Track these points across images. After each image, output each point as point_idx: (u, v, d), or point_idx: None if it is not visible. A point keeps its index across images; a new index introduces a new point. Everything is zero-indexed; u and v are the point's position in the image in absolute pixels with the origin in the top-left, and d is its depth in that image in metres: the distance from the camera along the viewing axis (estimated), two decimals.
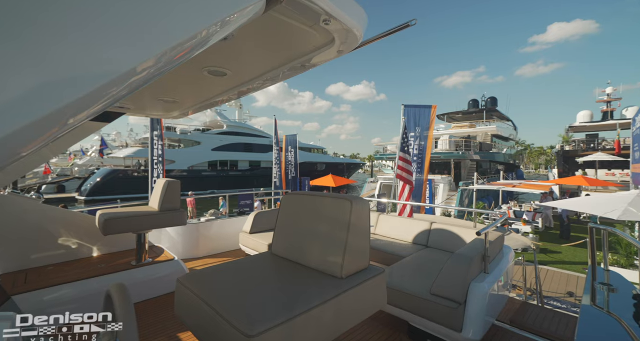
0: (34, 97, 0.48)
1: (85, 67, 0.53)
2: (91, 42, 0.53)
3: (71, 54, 0.51)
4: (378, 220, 4.22)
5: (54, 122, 0.54)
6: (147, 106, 2.59)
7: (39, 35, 0.48)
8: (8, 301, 2.15)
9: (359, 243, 1.20)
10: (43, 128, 0.53)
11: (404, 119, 6.53)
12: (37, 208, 2.68)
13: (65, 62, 0.51)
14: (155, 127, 7.13)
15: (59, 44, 0.50)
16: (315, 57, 1.59)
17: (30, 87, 0.48)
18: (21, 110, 0.47)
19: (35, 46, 0.48)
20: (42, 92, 0.49)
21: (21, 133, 0.48)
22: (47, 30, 0.49)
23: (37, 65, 0.48)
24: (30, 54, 0.47)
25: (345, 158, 56.90)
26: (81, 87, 0.52)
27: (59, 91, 0.50)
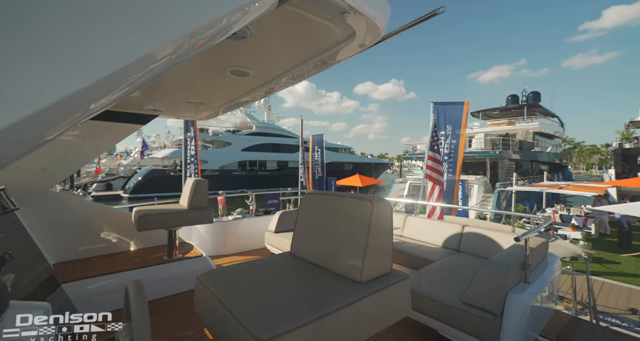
0: (54, 79, 0.48)
1: (103, 51, 0.52)
2: (109, 26, 0.53)
3: (90, 36, 0.51)
4: (405, 221, 4.06)
5: (76, 106, 0.55)
6: (178, 108, 2.71)
7: (56, 19, 0.48)
8: (58, 289, 2.37)
9: (380, 247, 1.13)
10: (65, 111, 0.53)
11: (433, 117, 6.24)
12: (83, 204, 2.92)
13: (84, 45, 0.50)
14: (188, 128, 7.51)
15: (75, 29, 0.50)
16: (337, 53, 1.54)
17: (51, 69, 0.48)
18: (44, 91, 0.47)
19: (53, 29, 0.48)
20: (61, 74, 0.49)
21: (45, 115, 0.49)
22: (64, 14, 0.49)
23: (56, 49, 0.48)
24: (51, 37, 0.47)
25: (373, 158, 56.02)
26: (100, 70, 0.51)
27: (78, 74, 0.50)
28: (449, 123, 6.73)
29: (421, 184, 6.19)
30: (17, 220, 2.41)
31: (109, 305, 2.47)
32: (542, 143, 25.26)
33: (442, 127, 6.79)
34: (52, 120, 0.53)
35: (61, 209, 2.75)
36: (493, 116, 30.24)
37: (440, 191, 5.76)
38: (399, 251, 3.29)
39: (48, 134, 0.58)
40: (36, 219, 2.54)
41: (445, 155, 6.79)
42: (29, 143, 0.55)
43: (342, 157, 38.00)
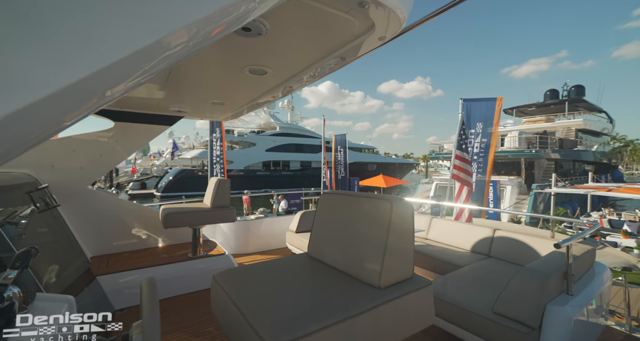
0: (59, 65, 0.47)
1: (112, 35, 0.51)
2: (119, 10, 0.51)
3: (99, 20, 0.49)
4: (431, 223, 3.88)
5: (89, 92, 0.54)
6: (201, 109, 2.78)
7: (63, 4, 0.47)
8: (94, 281, 2.52)
9: (400, 250, 1.06)
10: (79, 96, 0.53)
11: (462, 114, 5.93)
12: (116, 202, 3.10)
13: (93, 29, 0.49)
14: (214, 129, 7.77)
15: (84, 13, 0.49)
16: (356, 48, 1.48)
17: (59, 55, 0.47)
18: (55, 75, 0.47)
19: (60, 14, 0.47)
20: (67, 60, 0.47)
21: (61, 98, 0.48)
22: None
23: (63, 35, 0.47)
24: (57, 22, 0.46)
25: (397, 158, 54.79)
26: (113, 53, 0.50)
27: (89, 59, 0.49)
28: (479, 120, 6.36)
29: (448, 185, 5.90)
30: (60, 216, 2.60)
31: (136, 298, 2.60)
32: (587, 141, 23.07)
33: (472, 124, 6.43)
34: (66, 105, 0.53)
35: (97, 206, 2.93)
36: (529, 113, 28.19)
37: (468, 192, 5.46)
38: (423, 254, 3.15)
39: (67, 120, 0.59)
40: (75, 215, 2.72)
41: (475, 155, 6.42)
42: (48, 126, 0.55)
43: (365, 157, 37.55)
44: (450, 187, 5.97)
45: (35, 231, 2.21)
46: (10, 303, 0.75)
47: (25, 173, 2.42)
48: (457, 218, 5.35)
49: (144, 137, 2.92)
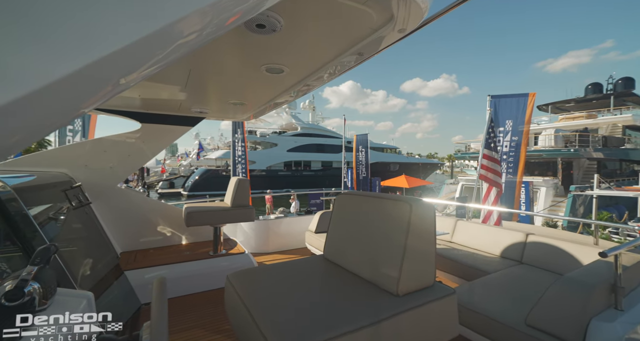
0: (68, 51, 0.46)
1: (121, 19, 0.49)
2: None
3: (109, 5, 0.48)
4: (456, 226, 3.69)
5: (105, 79, 0.54)
6: (221, 109, 2.83)
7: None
8: (122, 275, 2.64)
9: (420, 256, 0.98)
10: (94, 82, 0.53)
11: (490, 111, 5.61)
12: (143, 200, 3.24)
13: (103, 15, 0.48)
14: (236, 130, 7.96)
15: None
16: (375, 42, 1.41)
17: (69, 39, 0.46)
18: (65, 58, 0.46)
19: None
20: (80, 44, 0.47)
21: (72, 83, 0.48)
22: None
23: (68, 21, 0.46)
24: (65, 8, 0.45)
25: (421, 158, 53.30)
26: (122, 39, 0.48)
27: (98, 44, 0.48)
28: (509, 118, 5.98)
29: (475, 186, 5.61)
30: (92, 212, 2.75)
31: None
32: (637, 138, 20.94)
33: (501, 122, 6.06)
34: (82, 91, 0.53)
35: (126, 204, 3.07)
36: (566, 109, 26.03)
37: (497, 193, 5.15)
38: (447, 258, 2.99)
39: (84, 106, 0.59)
40: (106, 212, 2.88)
41: (504, 154, 6.05)
42: (66, 112, 0.55)
43: (387, 157, 36.93)
44: (478, 188, 5.67)
45: (70, 227, 2.35)
46: (31, 298, 0.77)
47: (62, 172, 2.59)
48: (484, 221, 5.06)
49: (168, 137, 3.02)
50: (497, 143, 5.51)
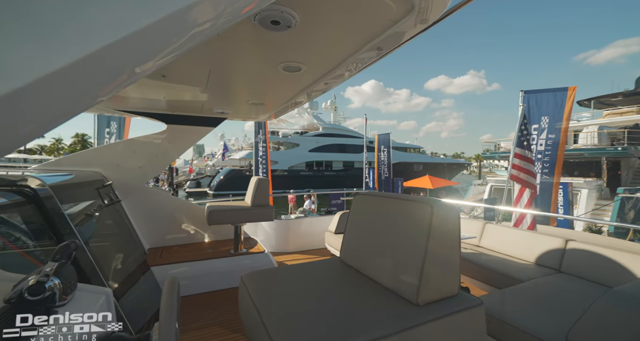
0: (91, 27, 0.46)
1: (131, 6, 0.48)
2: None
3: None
4: (484, 229, 3.48)
5: (120, 66, 0.54)
6: (241, 110, 2.87)
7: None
8: (148, 271, 2.75)
9: (443, 262, 0.91)
10: (111, 70, 0.53)
11: (522, 108, 5.24)
12: (169, 199, 3.37)
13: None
14: (259, 131, 8.10)
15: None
16: (394, 35, 1.34)
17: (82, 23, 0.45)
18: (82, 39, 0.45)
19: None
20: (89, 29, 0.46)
21: (86, 68, 0.47)
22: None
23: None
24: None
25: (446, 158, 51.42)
26: (135, 21, 0.47)
27: (110, 30, 0.47)
28: (545, 114, 5.56)
29: (505, 187, 5.27)
30: (122, 210, 2.90)
31: (185, 290, 2.77)
32: None
33: (536, 119, 5.65)
34: (102, 78, 0.53)
35: (153, 202, 3.21)
36: (612, 104, 23.61)
37: (531, 195, 4.79)
38: (474, 263, 2.82)
39: (101, 94, 0.60)
40: (135, 210, 3.02)
41: (539, 153, 5.63)
42: (81, 99, 0.56)
43: (410, 157, 36.06)
44: (509, 189, 5.32)
45: (102, 223, 2.49)
46: (52, 293, 0.80)
47: (96, 171, 2.75)
48: (516, 225, 4.74)
49: (192, 138, 3.12)
50: (530, 141, 5.14)
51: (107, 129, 7.18)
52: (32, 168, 2.76)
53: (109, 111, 2.89)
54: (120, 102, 2.52)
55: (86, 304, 0.87)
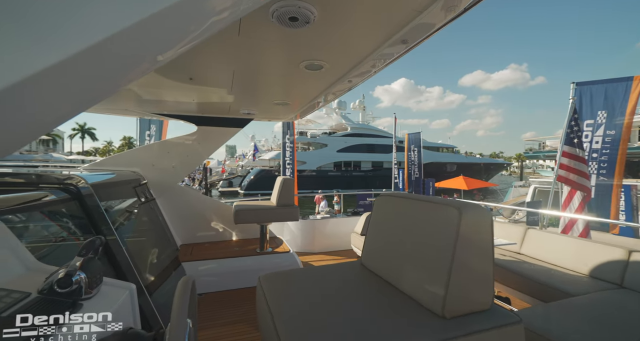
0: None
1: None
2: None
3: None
4: (526, 235, 3.18)
5: (143, 55, 0.54)
6: (267, 110, 2.90)
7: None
8: (180, 266, 2.88)
9: (473, 272, 0.81)
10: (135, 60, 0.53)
11: (573, 101, 4.72)
12: (199, 198, 3.52)
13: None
14: (286, 131, 8.21)
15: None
16: (419, 27, 1.25)
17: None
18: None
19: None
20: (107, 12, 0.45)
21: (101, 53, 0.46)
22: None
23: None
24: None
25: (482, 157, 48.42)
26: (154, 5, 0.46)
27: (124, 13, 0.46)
28: (602, 108, 4.95)
29: (551, 189, 4.78)
30: (157, 207, 3.07)
31: (213, 285, 2.85)
32: None
33: (590, 114, 5.06)
34: (124, 65, 0.53)
35: (185, 200, 3.36)
36: None
37: (583, 198, 4.29)
38: (515, 272, 2.58)
39: (122, 83, 0.60)
40: (168, 207, 3.18)
41: (594, 152, 5.03)
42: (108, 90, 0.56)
43: (443, 157, 34.54)
44: (555, 192, 4.82)
45: (138, 220, 2.65)
46: (79, 287, 0.83)
47: (134, 171, 2.94)
48: (565, 231, 4.27)
49: (220, 138, 3.22)
50: (582, 139, 4.61)
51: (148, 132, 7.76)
52: (82, 167, 3.03)
53: (146, 114, 3.07)
54: (155, 105, 2.66)
55: (110, 298, 0.90)
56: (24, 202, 1.42)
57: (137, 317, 1.00)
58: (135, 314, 0.99)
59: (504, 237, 3.26)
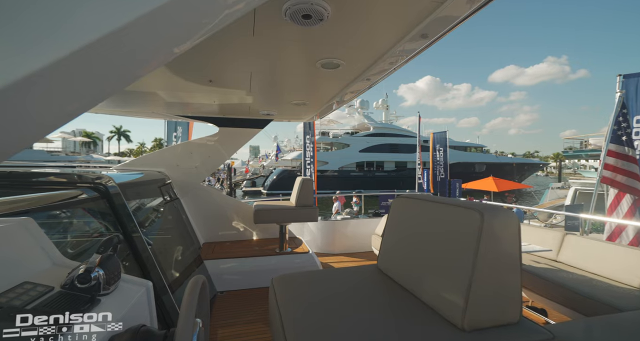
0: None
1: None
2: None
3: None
4: (563, 242, 2.93)
5: (161, 45, 0.54)
6: (286, 111, 2.91)
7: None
8: (202, 264, 2.97)
9: (497, 281, 0.74)
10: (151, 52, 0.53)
11: (620, 94, 4.28)
12: (221, 197, 3.61)
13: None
14: (307, 131, 8.25)
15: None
16: (441, 19, 1.17)
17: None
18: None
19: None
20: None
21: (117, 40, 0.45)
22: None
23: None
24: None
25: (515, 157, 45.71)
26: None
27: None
28: None
29: (594, 191, 4.36)
30: (181, 206, 3.19)
31: (234, 284, 2.91)
32: None
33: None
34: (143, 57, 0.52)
35: (207, 200, 3.47)
36: None
37: (633, 203, 3.87)
38: (551, 281, 2.37)
39: (142, 72, 0.58)
40: (191, 206, 3.29)
41: None
42: (122, 82, 0.55)
43: (471, 157, 33.08)
44: (600, 194, 4.40)
45: (163, 218, 2.77)
46: (97, 283, 0.86)
47: (160, 171, 3.07)
48: (612, 239, 3.88)
49: (241, 139, 3.29)
50: (632, 136, 4.17)
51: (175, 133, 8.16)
52: (114, 167, 3.22)
53: (172, 117, 3.21)
54: (179, 108, 2.77)
55: (127, 295, 0.93)
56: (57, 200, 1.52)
57: (154, 314, 1.02)
58: (151, 311, 1.01)
59: (538, 243, 3.03)
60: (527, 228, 3.43)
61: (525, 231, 3.34)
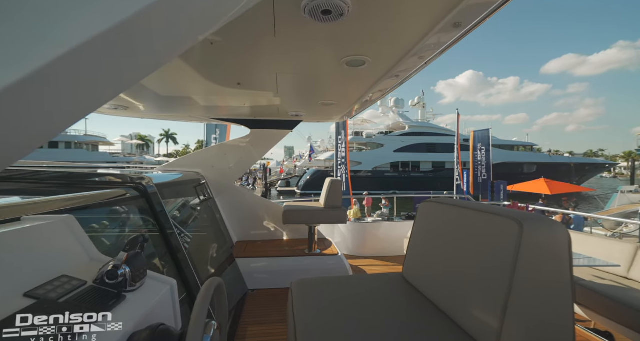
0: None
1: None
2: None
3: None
4: (636, 256, 2.51)
5: (174, 41, 0.52)
6: (315, 112, 2.89)
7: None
8: (234, 262, 3.07)
9: (540, 302, 0.63)
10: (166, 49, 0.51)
11: None
12: (252, 197, 3.71)
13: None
14: (339, 131, 8.20)
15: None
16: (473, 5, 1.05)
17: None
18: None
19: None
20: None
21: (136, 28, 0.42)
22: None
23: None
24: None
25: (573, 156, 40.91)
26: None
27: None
28: None
29: None
30: (215, 206, 3.34)
31: (265, 282, 2.96)
32: None
33: None
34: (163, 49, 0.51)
35: (240, 199, 3.59)
36: None
37: None
38: (619, 302, 2.05)
39: (162, 61, 0.55)
40: (225, 206, 3.43)
41: None
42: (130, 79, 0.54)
43: (519, 156, 30.41)
44: None
45: (199, 217, 2.92)
46: (124, 279, 0.91)
47: (197, 172, 3.25)
48: None
49: (271, 141, 3.35)
50: None
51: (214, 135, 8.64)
52: (157, 168, 3.47)
53: (206, 120, 3.38)
54: (213, 111, 2.90)
55: (151, 292, 0.97)
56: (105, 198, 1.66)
57: (178, 312, 1.05)
58: (175, 309, 1.04)
59: (602, 256, 2.64)
60: (589, 239, 3.02)
61: (586, 241, 2.95)
